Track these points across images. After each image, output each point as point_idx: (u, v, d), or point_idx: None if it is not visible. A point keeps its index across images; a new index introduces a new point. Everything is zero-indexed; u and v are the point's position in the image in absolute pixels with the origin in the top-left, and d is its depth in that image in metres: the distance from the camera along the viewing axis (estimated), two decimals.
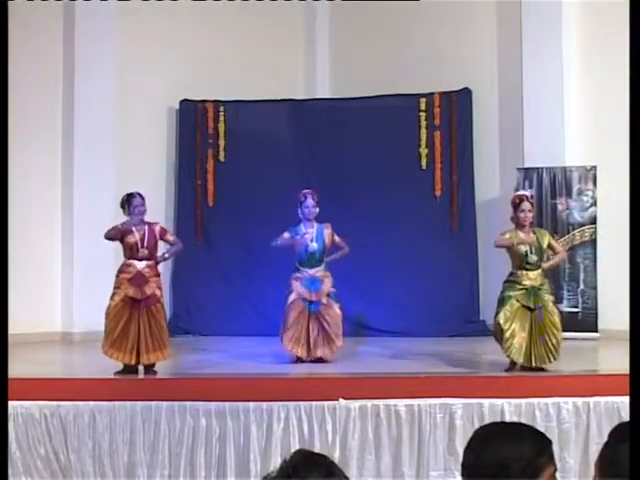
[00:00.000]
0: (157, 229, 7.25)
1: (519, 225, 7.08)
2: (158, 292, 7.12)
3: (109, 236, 7.20)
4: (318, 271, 7.81)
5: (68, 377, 7.07)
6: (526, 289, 6.94)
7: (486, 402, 6.19)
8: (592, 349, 8.87)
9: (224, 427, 6.16)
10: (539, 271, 7.02)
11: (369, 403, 6.18)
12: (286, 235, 7.82)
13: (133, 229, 7.11)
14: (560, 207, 9.65)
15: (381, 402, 6.18)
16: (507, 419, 6.10)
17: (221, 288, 10.67)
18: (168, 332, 7.19)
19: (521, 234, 7.03)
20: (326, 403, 6.16)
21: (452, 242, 10.39)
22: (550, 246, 7.16)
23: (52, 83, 10.11)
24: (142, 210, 7.15)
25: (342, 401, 6.18)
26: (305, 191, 7.98)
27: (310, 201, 7.86)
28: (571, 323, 9.46)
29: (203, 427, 6.17)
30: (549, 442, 2.24)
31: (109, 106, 10.13)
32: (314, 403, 6.16)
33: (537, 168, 9.73)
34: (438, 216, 10.46)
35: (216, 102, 10.86)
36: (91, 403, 6.23)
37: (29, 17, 9.75)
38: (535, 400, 6.18)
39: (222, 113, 10.87)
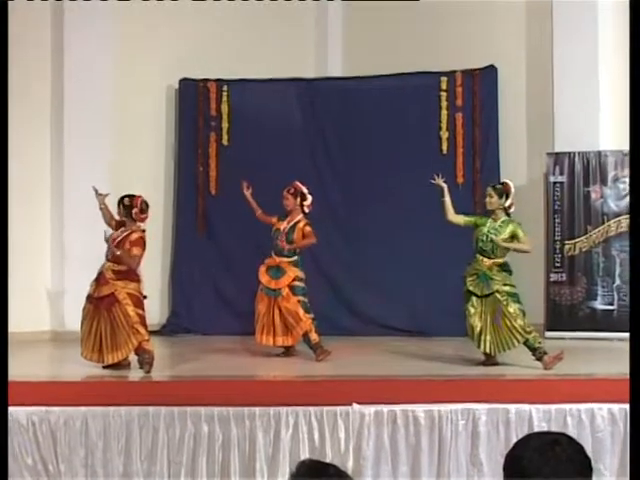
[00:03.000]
0: (134, 236, 7.43)
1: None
2: (120, 295, 7.23)
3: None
4: (282, 261, 8.28)
5: (58, 380, 7.08)
6: (477, 275, 7.42)
7: (512, 407, 6.17)
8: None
9: (228, 434, 6.15)
10: (493, 261, 7.44)
11: (385, 408, 6.17)
12: (273, 219, 8.49)
13: (120, 227, 7.55)
14: (594, 195, 9.59)
15: (398, 407, 6.17)
16: (535, 426, 6.08)
17: (225, 283, 10.67)
18: (137, 330, 7.25)
19: (490, 220, 7.56)
20: (338, 408, 6.15)
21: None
22: (515, 237, 7.53)
23: (39, 62, 10.06)
24: (134, 218, 7.54)
25: (356, 406, 6.17)
26: (295, 183, 8.47)
27: (286, 194, 8.45)
28: (606, 322, 9.42)
29: (205, 434, 6.17)
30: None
31: (101, 86, 10.11)
32: (325, 408, 6.16)
33: (568, 153, 9.67)
34: (460, 205, 10.29)
35: (219, 81, 10.83)
36: (83, 408, 6.24)
37: None
38: (566, 406, 6.15)
39: (225, 93, 10.84)
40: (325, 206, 10.68)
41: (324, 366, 7.76)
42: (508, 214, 7.60)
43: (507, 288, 7.41)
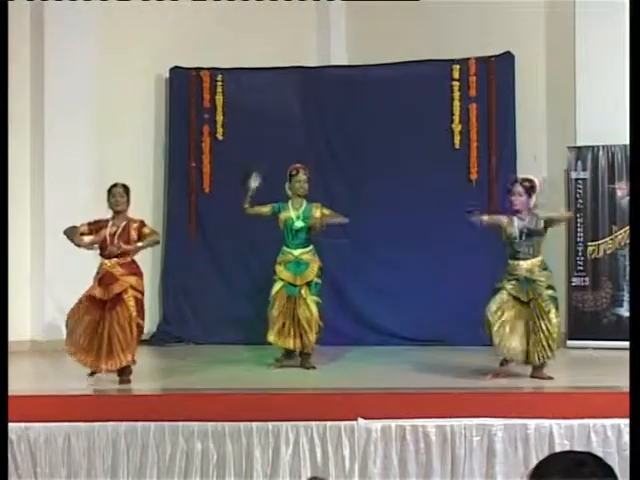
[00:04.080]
0: (134, 226, 7.60)
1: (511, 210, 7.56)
2: (128, 294, 7.36)
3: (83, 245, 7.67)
4: (303, 253, 8.31)
5: (38, 393, 7.05)
6: (518, 280, 7.41)
7: (532, 423, 6.15)
8: None
9: (222, 451, 6.14)
10: (535, 260, 7.45)
11: (393, 423, 6.15)
12: (265, 209, 8.45)
13: (109, 223, 7.58)
14: (619, 193, 9.55)
15: (407, 422, 6.16)
16: (557, 443, 6.05)
17: (220, 289, 10.66)
18: (137, 335, 7.40)
19: (515, 219, 7.51)
20: (343, 423, 6.14)
21: (491, 235, 10.25)
22: (550, 222, 7.58)
23: (17, 52, 10.02)
24: (116, 201, 7.61)
25: (361, 421, 6.15)
26: (296, 165, 8.49)
27: (302, 176, 8.40)
28: None
29: (198, 451, 6.16)
30: None
31: (85, 76, 10.09)
32: (329, 423, 6.15)
33: (592, 147, 9.64)
34: (474, 204, 10.37)
35: (213, 70, 10.82)
36: (66, 424, 6.23)
37: None
38: (590, 421, 6.12)
39: (220, 83, 10.83)
40: (328, 204, 10.65)
41: (327, 378, 7.74)
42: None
43: (550, 292, 7.46)
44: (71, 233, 7.68)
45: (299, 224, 8.34)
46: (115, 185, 7.70)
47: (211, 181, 10.84)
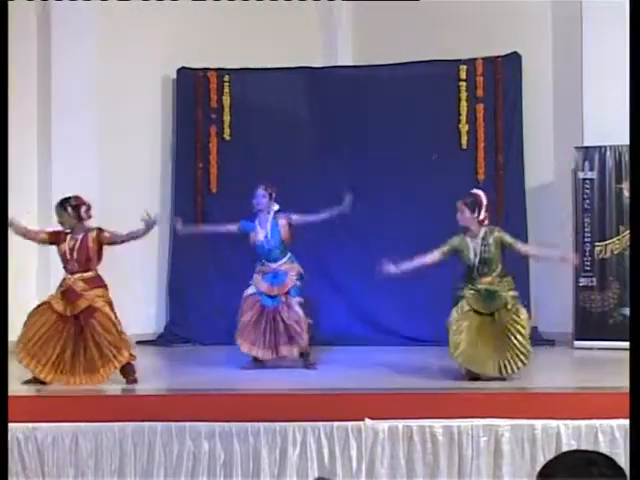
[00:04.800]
0: (92, 236, 7.43)
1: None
2: (98, 303, 7.25)
3: (33, 238, 7.64)
4: (281, 264, 8.37)
5: (45, 394, 7.06)
6: (478, 291, 7.39)
7: (539, 423, 6.14)
8: None
9: (230, 452, 6.14)
10: (494, 275, 7.45)
11: (400, 424, 6.15)
12: (231, 227, 8.43)
13: (68, 237, 7.42)
14: (627, 193, 9.54)
15: (414, 422, 6.15)
16: (564, 444, 6.05)
17: (225, 290, 10.64)
18: (123, 332, 7.30)
19: (468, 239, 7.49)
20: (350, 423, 6.14)
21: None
22: (505, 243, 7.51)
23: (24, 55, 10.03)
24: (63, 223, 7.44)
25: (369, 421, 6.15)
26: (262, 185, 8.48)
27: (260, 191, 8.36)
28: None
29: (205, 452, 6.17)
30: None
31: (91, 77, 10.10)
32: (336, 423, 6.14)
33: (599, 147, 9.62)
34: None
35: (220, 70, 10.82)
36: (73, 424, 6.23)
37: None
38: (598, 422, 6.12)
39: (227, 83, 10.83)
40: (333, 205, 10.63)
41: (334, 378, 7.74)
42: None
43: (512, 293, 7.44)
44: (16, 227, 7.48)
45: (270, 243, 8.32)
46: (67, 198, 7.54)
47: (218, 181, 10.84)
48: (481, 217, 7.46)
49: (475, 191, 7.68)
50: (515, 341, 7.23)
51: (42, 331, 7.22)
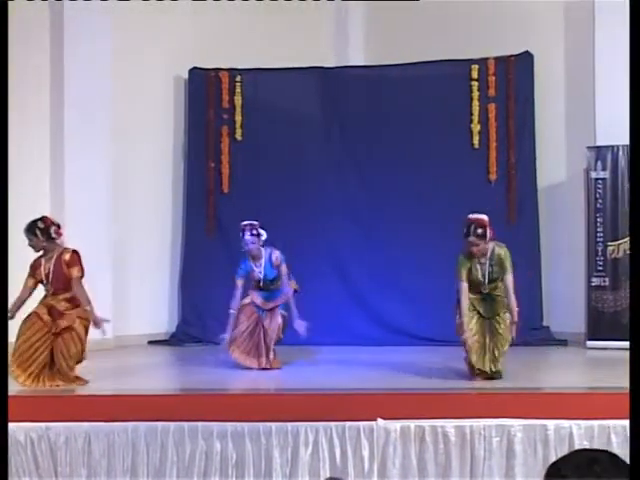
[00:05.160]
0: (66, 258, 7.32)
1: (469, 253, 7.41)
2: (75, 323, 7.27)
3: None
4: (270, 296, 8.38)
5: (59, 394, 7.08)
6: (480, 293, 7.44)
7: (551, 424, 6.13)
8: None
9: (242, 452, 6.15)
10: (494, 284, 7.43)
11: (412, 424, 6.14)
12: (239, 282, 8.33)
13: (42, 260, 7.35)
14: None
15: (426, 423, 6.15)
16: (577, 444, 6.04)
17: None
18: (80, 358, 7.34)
19: (475, 261, 7.41)
20: (362, 424, 6.14)
21: (510, 235, 10.21)
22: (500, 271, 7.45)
23: (37, 54, 10.07)
24: (39, 249, 7.34)
25: (380, 421, 6.15)
26: (243, 224, 8.32)
27: (248, 237, 8.26)
28: None
29: (217, 452, 6.17)
30: None
31: (104, 77, 10.12)
32: (348, 423, 6.14)
33: (611, 146, 9.60)
34: (493, 204, 10.33)
35: (231, 70, 10.84)
36: (86, 424, 6.25)
37: None
38: (610, 422, 6.09)
39: (238, 83, 10.85)
40: (347, 206, 10.68)
41: (346, 378, 7.74)
42: None
43: (504, 307, 7.46)
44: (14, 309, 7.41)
45: (267, 278, 8.32)
46: (37, 220, 7.36)
47: (230, 181, 10.86)
48: (489, 237, 7.38)
49: (475, 217, 7.44)
50: (496, 349, 7.35)
51: (33, 340, 7.25)
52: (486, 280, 7.42)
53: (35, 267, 7.39)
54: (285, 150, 10.67)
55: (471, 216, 7.51)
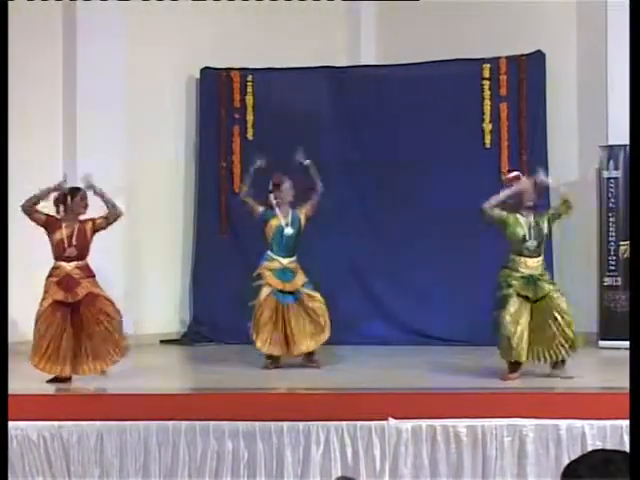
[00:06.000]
0: (88, 226, 7.49)
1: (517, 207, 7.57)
2: (96, 290, 7.35)
3: (33, 214, 7.49)
4: (290, 262, 8.44)
5: (71, 393, 7.10)
6: (524, 277, 7.40)
7: (563, 423, 6.12)
8: None
9: (253, 451, 6.15)
10: (540, 259, 7.50)
11: (424, 423, 6.14)
12: (258, 208, 8.54)
13: (63, 224, 7.41)
14: None
15: (438, 422, 6.14)
16: (589, 444, 6.02)
17: (249, 288, 10.65)
18: (122, 335, 7.39)
19: (519, 216, 7.53)
20: (373, 423, 6.13)
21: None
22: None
23: (51, 54, 10.10)
24: (81, 211, 7.48)
25: (392, 421, 6.14)
26: (278, 174, 8.58)
27: (287, 184, 8.46)
28: None
29: (229, 451, 6.18)
30: None
31: (116, 77, 10.12)
32: (359, 423, 6.14)
33: (624, 145, 9.56)
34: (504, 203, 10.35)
35: (243, 70, 10.84)
36: (98, 423, 6.26)
37: None
38: (623, 422, 6.07)
39: (250, 83, 10.85)
40: (358, 204, 10.66)
41: (357, 377, 7.74)
42: None
43: (554, 287, 7.53)
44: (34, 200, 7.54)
45: (289, 231, 8.42)
46: (78, 189, 7.54)
47: (241, 181, 10.84)
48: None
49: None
50: (556, 329, 7.29)
51: (51, 332, 7.27)
52: (529, 236, 7.43)
53: (52, 222, 7.44)
54: (296, 150, 10.65)
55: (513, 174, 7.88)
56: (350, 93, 10.84)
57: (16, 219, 7.74)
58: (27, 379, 7.51)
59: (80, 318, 7.30)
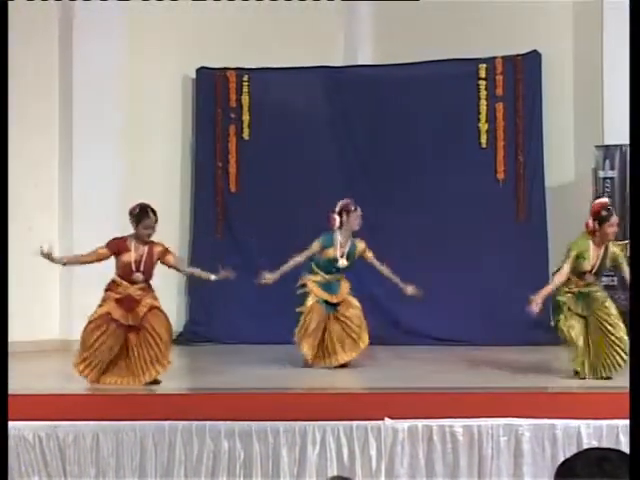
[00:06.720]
0: (157, 251, 7.32)
1: (599, 239, 7.34)
2: (156, 303, 7.29)
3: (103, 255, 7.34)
4: (335, 276, 8.33)
5: (67, 392, 7.09)
6: (574, 294, 7.34)
7: (559, 423, 6.12)
8: None
9: (249, 451, 6.15)
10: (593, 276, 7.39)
11: (420, 423, 6.14)
12: (316, 246, 8.22)
13: (132, 247, 7.23)
14: None
15: (434, 422, 6.14)
16: (585, 444, 6.03)
17: (247, 288, 10.64)
18: (166, 354, 7.27)
19: (592, 249, 7.34)
20: (369, 423, 6.13)
21: (518, 234, 10.29)
22: (617, 264, 7.45)
23: (47, 55, 10.08)
24: (150, 233, 7.28)
25: (388, 421, 6.14)
26: (348, 200, 8.36)
27: (358, 213, 8.27)
28: None
29: (225, 451, 6.17)
30: None
31: (112, 76, 10.12)
32: (355, 423, 6.14)
33: (620, 145, 9.58)
34: (501, 203, 10.37)
35: (239, 70, 10.84)
36: (94, 423, 6.25)
37: None
38: (619, 422, 6.08)
39: (246, 83, 10.85)
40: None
41: (354, 378, 7.74)
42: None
43: (605, 295, 7.47)
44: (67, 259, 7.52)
45: (343, 263, 8.27)
46: (148, 212, 7.25)
47: (237, 180, 10.86)
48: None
49: (606, 201, 7.65)
50: (612, 338, 7.24)
51: (101, 341, 7.18)
52: (594, 270, 7.35)
53: (121, 246, 7.24)
54: (293, 149, 10.67)
55: (602, 200, 7.71)
56: (346, 93, 10.84)
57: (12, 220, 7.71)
58: (23, 378, 7.50)
59: (136, 334, 7.20)
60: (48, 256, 7.28)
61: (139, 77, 10.37)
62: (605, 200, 7.72)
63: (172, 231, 10.93)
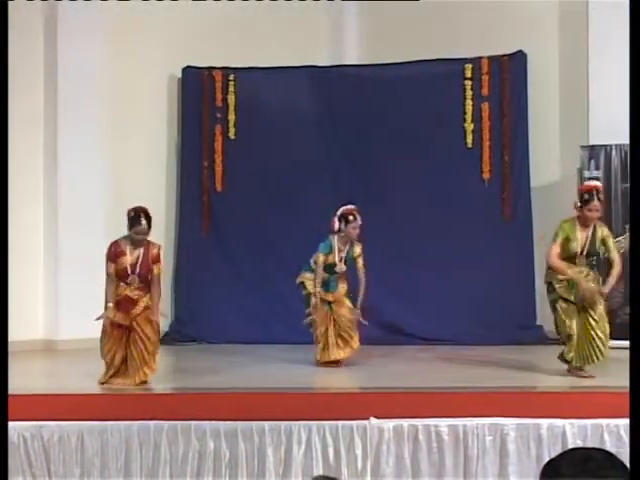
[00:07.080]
0: (153, 253, 7.32)
1: (582, 220, 7.35)
2: (150, 302, 7.28)
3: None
4: (334, 276, 8.35)
5: (52, 392, 7.07)
6: (567, 281, 7.34)
7: (544, 422, 6.14)
8: None
9: (235, 450, 6.14)
10: (586, 264, 7.40)
11: (405, 423, 6.14)
12: (321, 259, 8.20)
13: (127, 250, 7.23)
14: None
15: (420, 422, 6.15)
16: (570, 443, 6.04)
17: (232, 288, 10.66)
18: (154, 356, 7.30)
19: (578, 231, 7.35)
20: (355, 423, 6.13)
21: (504, 234, 10.31)
22: (606, 247, 7.47)
23: (30, 54, 10.04)
24: (141, 238, 7.25)
25: (374, 420, 6.15)
26: (350, 207, 8.34)
27: (359, 222, 8.24)
28: None
29: (210, 451, 6.16)
30: None
31: (97, 75, 10.09)
32: (341, 422, 6.14)
33: (605, 146, 9.61)
34: (487, 203, 10.39)
35: (225, 69, 10.83)
36: (79, 423, 6.23)
37: None
38: (604, 421, 6.11)
39: (232, 82, 10.84)
40: (340, 203, 10.64)
41: (340, 377, 7.74)
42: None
43: (596, 297, 7.42)
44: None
45: (342, 267, 8.29)
46: (140, 218, 7.23)
47: (223, 180, 10.85)
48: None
49: (594, 184, 7.61)
50: (593, 333, 7.27)
51: (113, 351, 7.23)
52: (584, 252, 7.35)
53: (117, 254, 7.24)
54: (279, 149, 10.67)
55: (589, 183, 7.69)
56: (333, 93, 10.85)
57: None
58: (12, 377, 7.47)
59: (131, 335, 7.22)
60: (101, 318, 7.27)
61: (125, 77, 10.35)
62: (593, 184, 7.66)
63: (158, 229, 10.85)
